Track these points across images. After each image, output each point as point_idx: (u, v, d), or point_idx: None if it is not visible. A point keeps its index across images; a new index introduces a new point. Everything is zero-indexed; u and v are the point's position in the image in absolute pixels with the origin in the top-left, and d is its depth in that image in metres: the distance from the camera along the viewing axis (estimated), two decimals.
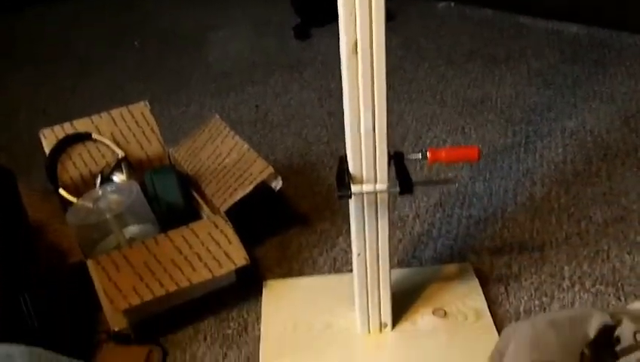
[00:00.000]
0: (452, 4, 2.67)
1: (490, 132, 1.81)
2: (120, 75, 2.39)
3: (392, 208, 1.47)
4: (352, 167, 1.02)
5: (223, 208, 1.35)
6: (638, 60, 2.12)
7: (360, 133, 0.98)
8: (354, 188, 1.01)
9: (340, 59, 0.94)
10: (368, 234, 1.09)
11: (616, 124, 1.80)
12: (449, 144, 1.77)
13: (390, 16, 0.90)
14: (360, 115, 0.96)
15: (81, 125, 1.53)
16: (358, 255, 1.11)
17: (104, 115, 1.55)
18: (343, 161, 1.04)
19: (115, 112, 1.56)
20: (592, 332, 1.10)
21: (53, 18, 3.02)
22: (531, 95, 1.98)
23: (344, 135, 1.01)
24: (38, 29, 2.94)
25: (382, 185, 1.03)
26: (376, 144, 0.99)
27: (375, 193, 1.03)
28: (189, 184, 1.49)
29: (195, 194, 1.47)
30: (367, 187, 1.03)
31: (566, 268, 1.35)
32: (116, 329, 1.23)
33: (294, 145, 1.84)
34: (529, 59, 2.21)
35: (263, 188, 1.40)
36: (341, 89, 0.97)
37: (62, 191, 1.43)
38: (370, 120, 0.97)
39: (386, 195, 1.04)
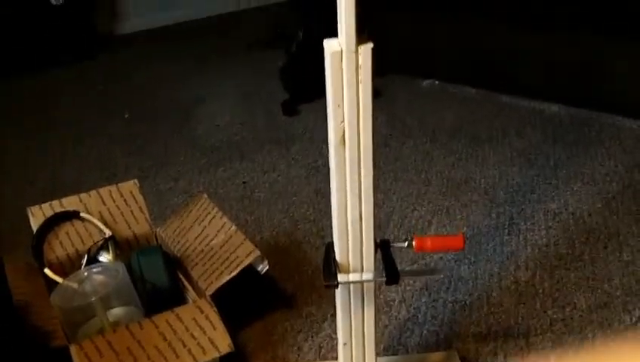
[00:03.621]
0: (436, 82, 2.73)
1: (475, 213, 1.84)
2: (109, 147, 2.41)
3: (377, 293, 1.48)
4: (338, 256, 1.03)
5: (209, 291, 1.35)
6: (617, 141, 2.17)
7: (347, 223, 0.99)
8: (340, 277, 1.02)
9: (327, 134, 0.96)
10: (354, 324, 1.09)
11: (598, 206, 1.83)
12: (434, 225, 1.79)
13: (376, 93, 0.92)
14: (347, 205, 0.98)
15: (69, 203, 1.53)
16: (344, 344, 1.11)
17: (93, 193, 1.56)
18: (329, 248, 1.05)
19: (104, 191, 1.56)
20: None
21: (41, 86, 3.05)
22: (514, 176, 2.01)
23: (330, 214, 1.02)
24: (26, 98, 2.97)
25: (368, 275, 1.04)
26: (363, 233, 1.00)
27: (362, 282, 1.04)
28: (175, 265, 1.49)
29: (181, 276, 1.47)
30: (353, 276, 1.03)
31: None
32: None
33: (281, 224, 1.85)
34: (511, 138, 2.25)
35: (249, 269, 1.40)
36: (328, 165, 0.98)
37: (47, 271, 1.42)
38: (357, 210, 0.98)
39: (372, 284, 1.05)
